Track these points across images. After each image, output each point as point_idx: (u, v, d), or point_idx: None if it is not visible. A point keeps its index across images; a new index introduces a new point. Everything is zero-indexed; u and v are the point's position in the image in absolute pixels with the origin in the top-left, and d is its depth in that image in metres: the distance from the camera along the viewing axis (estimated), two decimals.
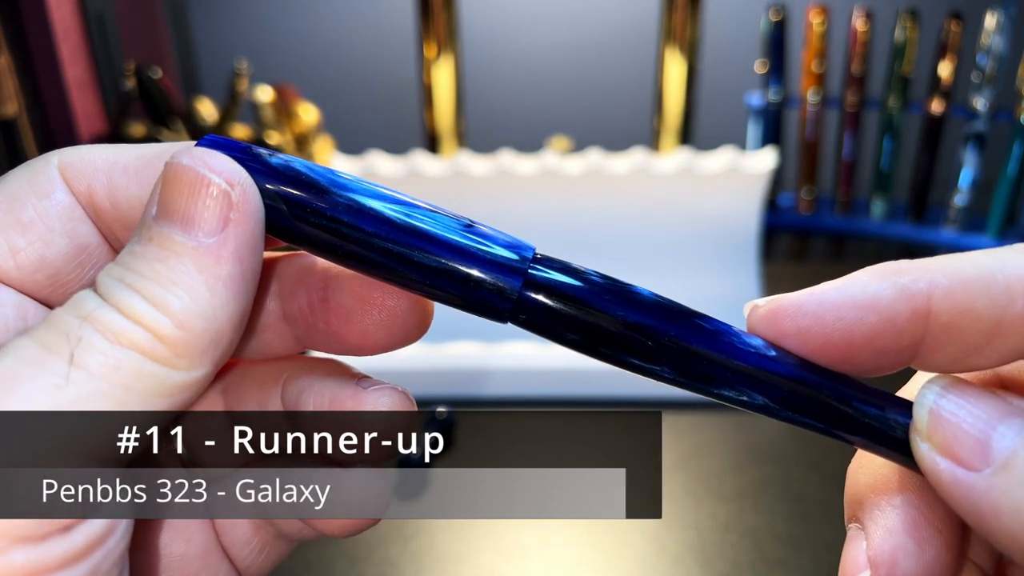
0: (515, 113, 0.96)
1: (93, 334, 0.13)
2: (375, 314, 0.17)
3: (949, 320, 0.14)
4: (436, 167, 0.58)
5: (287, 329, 0.18)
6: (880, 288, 0.15)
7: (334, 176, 0.15)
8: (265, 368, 0.19)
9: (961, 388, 0.15)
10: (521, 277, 0.15)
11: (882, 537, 0.16)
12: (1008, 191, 0.71)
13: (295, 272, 0.18)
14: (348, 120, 0.90)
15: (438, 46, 0.67)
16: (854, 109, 0.74)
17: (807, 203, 0.79)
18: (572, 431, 0.55)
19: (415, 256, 0.15)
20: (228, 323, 0.14)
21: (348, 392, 0.17)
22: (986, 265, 0.14)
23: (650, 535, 0.40)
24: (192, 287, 0.14)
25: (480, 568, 0.38)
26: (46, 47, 0.63)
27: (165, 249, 0.14)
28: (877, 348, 0.15)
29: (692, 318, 0.16)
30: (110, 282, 0.14)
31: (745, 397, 0.15)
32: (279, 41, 0.95)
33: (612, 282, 0.16)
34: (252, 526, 0.20)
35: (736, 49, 0.87)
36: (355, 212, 0.15)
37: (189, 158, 0.15)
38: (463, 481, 0.50)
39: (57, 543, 0.13)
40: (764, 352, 0.15)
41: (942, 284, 0.14)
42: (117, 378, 0.13)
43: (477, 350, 0.51)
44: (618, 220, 0.58)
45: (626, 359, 0.16)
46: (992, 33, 0.67)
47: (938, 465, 0.14)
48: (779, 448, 0.46)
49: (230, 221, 0.14)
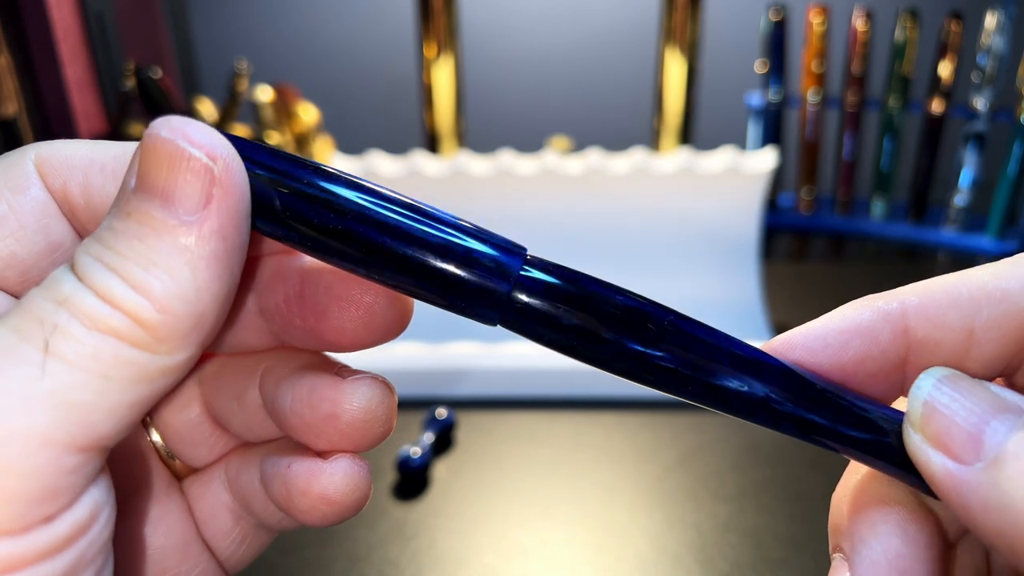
0: (515, 113, 0.96)
1: (70, 320, 0.13)
2: (352, 311, 0.17)
3: (926, 334, 0.16)
4: (436, 167, 0.57)
5: (264, 324, 0.18)
6: (859, 313, 0.16)
7: (320, 167, 0.15)
8: (243, 360, 0.19)
9: (957, 381, 0.15)
10: (511, 281, 0.15)
11: (865, 570, 0.16)
12: (1008, 191, 0.71)
13: (272, 266, 0.18)
14: (348, 120, 0.90)
15: (438, 46, 0.67)
16: (854, 109, 0.74)
17: (807, 203, 0.79)
18: (572, 431, 0.56)
19: (400, 253, 0.15)
20: (212, 304, 0.14)
21: (327, 382, 0.17)
22: (951, 282, 0.16)
23: (650, 535, 0.40)
24: (174, 268, 0.13)
25: (480, 568, 0.38)
26: (46, 47, 0.63)
27: (144, 226, 0.13)
28: (867, 370, 0.16)
29: (683, 315, 0.16)
30: (88, 261, 0.13)
31: (745, 387, 0.15)
32: (279, 41, 0.95)
33: (602, 281, 0.16)
34: (232, 517, 0.20)
35: (736, 49, 0.87)
36: (340, 204, 0.15)
37: (168, 130, 0.14)
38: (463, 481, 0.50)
39: (41, 533, 0.13)
40: (759, 350, 0.16)
41: (913, 302, 0.16)
42: (95, 367, 0.13)
43: (477, 350, 0.51)
44: (618, 220, 0.58)
45: (625, 348, 0.15)
46: (992, 33, 0.67)
47: (930, 457, 0.14)
48: (780, 448, 0.46)
49: (212, 197, 0.14)
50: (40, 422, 0.12)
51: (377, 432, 0.17)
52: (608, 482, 0.44)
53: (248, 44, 0.93)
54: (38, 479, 0.12)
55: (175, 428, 0.19)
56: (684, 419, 0.49)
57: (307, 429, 0.17)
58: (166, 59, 0.86)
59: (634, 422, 0.49)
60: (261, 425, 0.19)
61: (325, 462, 0.17)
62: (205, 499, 0.20)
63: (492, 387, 0.51)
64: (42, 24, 0.63)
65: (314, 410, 0.17)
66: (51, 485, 0.13)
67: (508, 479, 0.44)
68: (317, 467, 0.17)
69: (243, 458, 0.20)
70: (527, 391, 0.51)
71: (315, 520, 0.17)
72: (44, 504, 0.13)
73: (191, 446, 0.20)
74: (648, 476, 0.44)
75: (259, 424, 0.19)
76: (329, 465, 0.17)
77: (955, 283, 0.16)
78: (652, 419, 0.49)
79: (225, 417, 0.19)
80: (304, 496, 0.17)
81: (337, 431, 0.17)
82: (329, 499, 0.17)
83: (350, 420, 0.17)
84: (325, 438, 0.17)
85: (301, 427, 0.17)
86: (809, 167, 0.78)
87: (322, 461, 0.17)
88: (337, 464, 0.17)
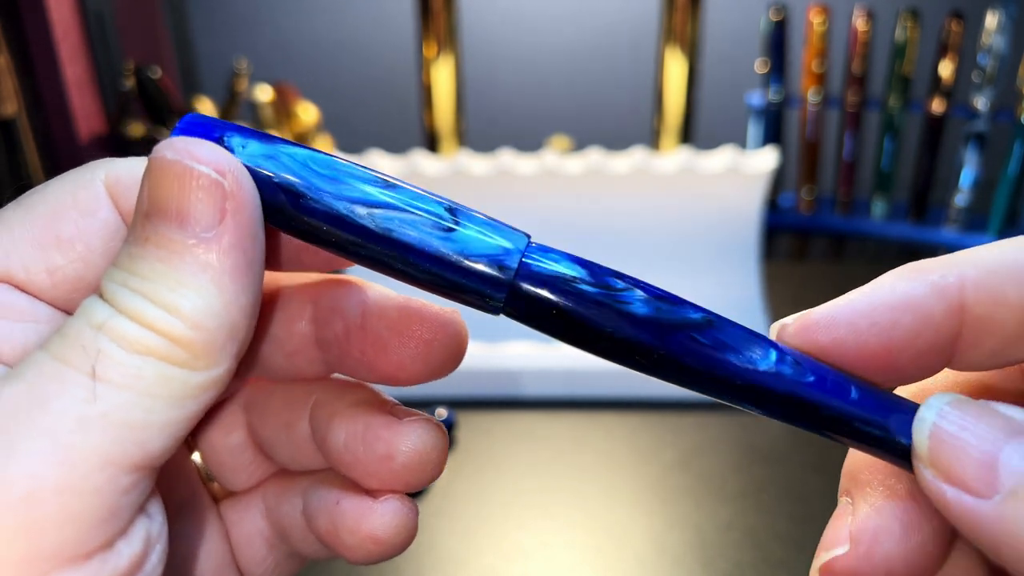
0: (515, 113, 0.96)
1: (110, 344, 0.13)
2: (412, 346, 0.17)
3: (984, 312, 0.14)
4: (436, 167, 0.57)
5: (319, 354, 0.18)
6: (911, 287, 0.14)
7: (328, 159, 0.15)
8: (292, 389, 0.19)
9: (963, 406, 0.14)
10: (512, 271, 0.15)
11: (867, 515, 0.15)
12: (1009, 191, 0.71)
13: (332, 298, 0.18)
14: (348, 120, 0.90)
15: (438, 46, 0.67)
16: (855, 109, 0.74)
17: (808, 203, 0.79)
18: (572, 431, 0.55)
19: (402, 243, 0.15)
20: (241, 315, 0.14)
21: (382, 422, 0.17)
22: (1010, 253, 0.14)
23: (651, 535, 0.40)
24: (199, 286, 0.13)
25: (480, 569, 0.38)
26: (45, 47, 0.63)
27: (163, 248, 0.14)
28: (916, 349, 0.14)
29: (693, 305, 0.15)
30: (115, 288, 0.14)
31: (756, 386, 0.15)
32: (279, 41, 0.95)
33: (609, 270, 0.15)
34: (267, 544, 0.20)
35: (736, 49, 0.87)
36: (346, 196, 0.14)
37: (172, 151, 0.14)
38: (463, 481, 0.50)
39: (102, 564, 0.13)
40: (775, 343, 0.15)
41: (972, 276, 0.14)
42: (141, 386, 0.13)
43: (477, 350, 0.51)
44: (618, 220, 0.58)
45: (630, 340, 0.15)
46: (993, 33, 0.67)
47: (944, 494, 0.13)
48: (781, 448, 0.46)
49: (227, 212, 0.14)
50: (98, 443, 0.13)
51: (429, 474, 0.17)
52: (608, 482, 0.44)
53: (248, 44, 0.93)
54: (100, 498, 0.13)
55: (217, 451, 0.19)
56: (685, 419, 0.49)
57: (359, 467, 0.17)
58: (166, 59, 0.86)
59: (634, 422, 0.49)
60: (308, 456, 0.19)
61: (375, 502, 0.17)
62: (242, 525, 0.19)
63: (492, 387, 0.51)
64: (42, 24, 0.63)
65: (368, 450, 0.17)
66: (111, 504, 0.13)
67: (508, 479, 0.44)
68: (367, 506, 0.17)
69: (284, 487, 0.19)
70: (527, 391, 0.51)
71: (360, 558, 0.17)
72: (105, 525, 0.13)
73: (231, 471, 0.20)
74: (649, 476, 0.44)
75: (306, 455, 0.19)
76: (380, 505, 0.17)
77: (1015, 256, 0.14)
78: (653, 419, 0.49)
79: (270, 445, 0.19)
80: (353, 535, 0.17)
81: (390, 472, 0.17)
82: (378, 539, 0.17)
83: (404, 462, 0.17)
84: (377, 478, 0.17)
85: (353, 464, 0.17)
86: (809, 167, 0.78)
87: (372, 500, 0.17)
88: (387, 505, 0.17)
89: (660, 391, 0.50)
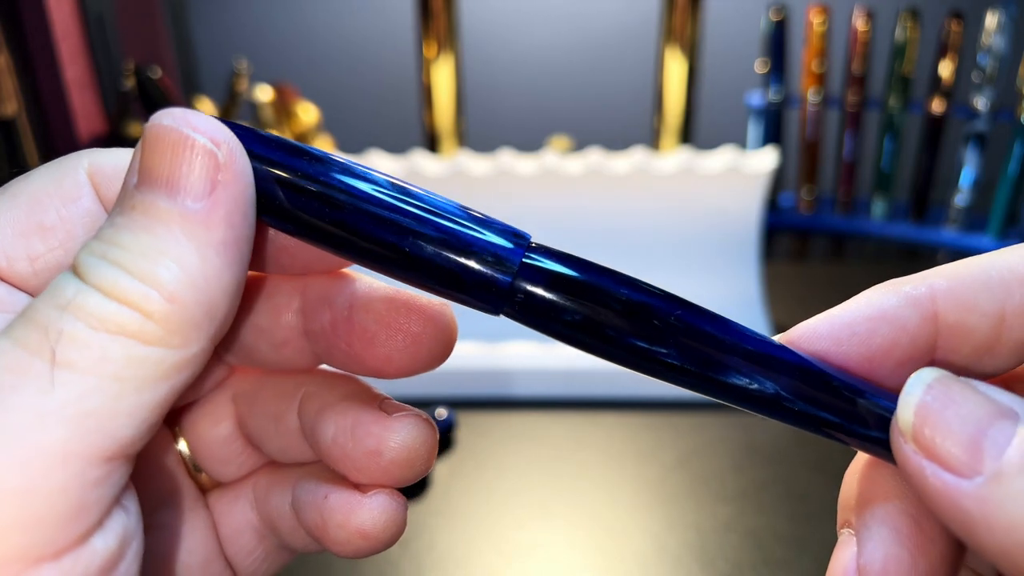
0: (515, 113, 0.96)
1: (75, 324, 0.12)
2: (399, 340, 0.17)
3: (956, 319, 0.15)
4: (436, 167, 0.57)
5: (307, 345, 0.18)
6: (886, 299, 0.15)
7: (326, 155, 0.15)
8: (282, 380, 0.19)
9: (949, 384, 0.14)
10: (512, 270, 0.15)
11: (874, 545, 0.15)
12: (1009, 191, 0.70)
13: (320, 289, 0.17)
14: (348, 120, 0.90)
15: (438, 46, 0.67)
16: (855, 109, 0.74)
17: (807, 203, 0.79)
18: (572, 431, 0.55)
19: (401, 244, 0.14)
20: (222, 294, 0.13)
21: (371, 417, 0.17)
22: (980, 264, 0.15)
23: (651, 535, 0.40)
24: (182, 256, 0.13)
25: (480, 569, 0.38)
26: (45, 47, 0.63)
27: (150, 217, 0.13)
28: (896, 359, 0.15)
29: (694, 305, 0.15)
30: (91, 260, 0.13)
31: (756, 385, 0.15)
32: (279, 41, 0.95)
33: (610, 269, 0.15)
34: (256, 536, 0.19)
35: (736, 49, 0.87)
36: (344, 191, 0.14)
37: (170, 118, 0.13)
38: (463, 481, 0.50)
39: (74, 561, 0.12)
40: (771, 342, 0.15)
41: (942, 286, 0.15)
42: (106, 370, 0.12)
43: (477, 350, 0.51)
44: (618, 220, 0.58)
45: (630, 341, 0.15)
46: (993, 33, 0.67)
47: (924, 470, 0.13)
48: (781, 448, 0.46)
49: (218, 183, 0.13)
50: (58, 437, 0.12)
51: (418, 470, 0.17)
52: (608, 482, 0.44)
53: (248, 44, 0.93)
54: (65, 496, 0.12)
55: (205, 443, 0.19)
56: (685, 419, 0.49)
57: (348, 461, 0.17)
58: (166, 59, 0.86)
59: (634, 422, 0.49)
60: (297, 448, 0.19)
61: (364, 496, 0.17)
62: (230, 516, 0.19)
63: (492, 387, 0.51)
64: (42, 24, 0.63)
65: (357, 444, 0.17)
66: (79, 500, 0.12)
67: (508, 479, 0.44)
68: (355, 501, 0.17)
69: (273, 479, 0.19)
70: (527, 391, 0.51)
71: (348, 552, 0.17)
72: (74, 522, 0.12)
73: (220, 462, 0.19)
74: (648, 476, 0.44)
75: (295, 447, 0.19)
76: (368, 500, 0.17)
77: (984, 265, 0.15)
78: (652, 419, 0.49)
79: (259, 437, 0.19)
80: (341, 529, 0.17)
81: (379, 467, 0.17)
82: (366, 533, 0.17)
83: (393, 458, 0.17)
84: (366, 472, 0.17)
85: (342, 459, 0.17)
86: (809, 167, 0.78)
87: (360, 495, 0.17)
88: (375, 499, 0.17)
89: (659, 391, 0.50)
